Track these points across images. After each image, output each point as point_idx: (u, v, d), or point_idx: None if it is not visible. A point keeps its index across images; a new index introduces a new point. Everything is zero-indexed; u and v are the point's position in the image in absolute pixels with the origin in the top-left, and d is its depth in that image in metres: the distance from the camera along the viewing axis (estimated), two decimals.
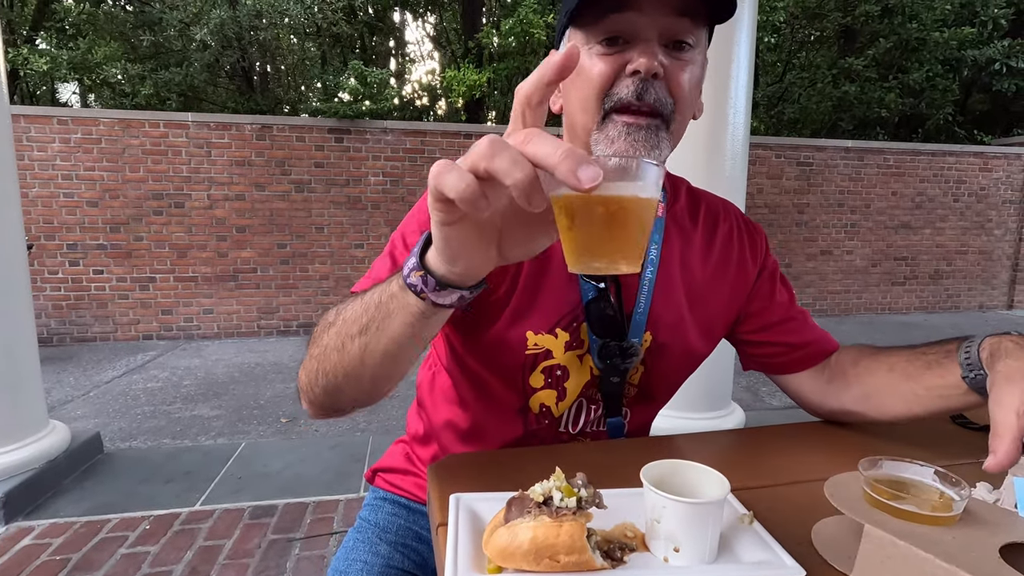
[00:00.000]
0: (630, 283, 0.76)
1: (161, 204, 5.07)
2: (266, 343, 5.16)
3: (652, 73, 0.63)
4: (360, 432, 3.08)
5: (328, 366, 0.58)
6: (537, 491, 0.48)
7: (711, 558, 0.49)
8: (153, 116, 5.04)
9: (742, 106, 2.50)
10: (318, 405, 0.63)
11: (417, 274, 0.47)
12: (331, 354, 0.57)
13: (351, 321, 0.55)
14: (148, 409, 3.38)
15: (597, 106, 0.66)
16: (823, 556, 0.51)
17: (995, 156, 6.88)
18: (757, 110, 9.63)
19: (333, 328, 0.58)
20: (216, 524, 2.09)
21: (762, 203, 6.38)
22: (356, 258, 5.51)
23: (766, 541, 0.51)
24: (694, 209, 0.83)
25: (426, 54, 13.00)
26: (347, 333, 0.55)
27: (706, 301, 0.80)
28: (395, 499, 0.89)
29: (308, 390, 0.62)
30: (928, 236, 6.90)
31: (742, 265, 0.83)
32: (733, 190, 2.56)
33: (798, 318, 0.84)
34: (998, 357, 0.62)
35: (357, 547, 0.82)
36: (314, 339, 0.61)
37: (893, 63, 8.92)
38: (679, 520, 0.48)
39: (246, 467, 2.58)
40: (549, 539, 0.45)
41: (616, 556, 0.50)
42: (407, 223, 0.74)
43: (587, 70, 0.66)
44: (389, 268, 0.71)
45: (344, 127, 5.37)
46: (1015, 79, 8.15)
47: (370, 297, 0.54)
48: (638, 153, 0.65)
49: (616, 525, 0.54)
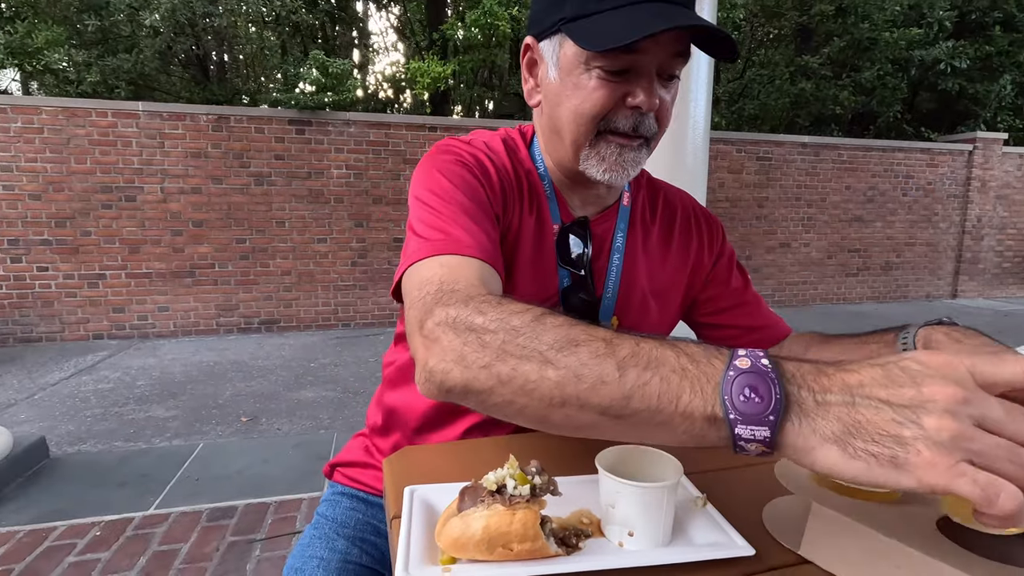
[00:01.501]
0: (600, 270, 0.79)
1: (111, 197, 4.85)
2: (226, 341, 5.00)
3: (648, 109, 0.67)
4: (324, 430, 3.02)
5: (522, 400, 0.45)
6: (490, 480, 0.47)
7: (665, 541, 0.49)
8: (100, 105, 4.80)
9: (703, 101, 2.54)
10: (456, 395, 0.49)
11: (761, 447, 0.38)
12: (534, 395, 0.44)
13: (588, 386, 0.42)
14: (98, 411, 3.24)
15: (592, 127, 0.69)
16: (773, 535, 0.52)
17: (941, 152, 7.21)
18: (719, 106, 9.84)
19: (552, 369, 0.44)
20: (172, 528, 2.02)
21: (724, 197, 6.52)
22: (319, 253, 5.39)
23: (718, 523, 0.52)
24: (654, 200, 0.86)
25: (390, 45, 12.79)
26: (578, 396, 0.43)
27: (666, 287, 0.83)
28: (354, 493, 0.88)
29: (462, 383, 0.48)
30: (879, 229, 7.19)
31: (699, 253, 0.86)
32: (695, 183, 2.60)
33: (752, 303, 0.87)
34: (929, 348, 0.64)
35: (313, 543, 0.80)
36: (491, 344, 0.47)
37: (846, 62, 9.23)
38: (633, 505, 0.48)
39: (204, 468, 2.50)
40: (502, 528, 0.44)
41: (571, 543, 0.50)
42: (437, 167, 0.70)
43: (588, 91, 0.67)
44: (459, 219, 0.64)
45: (305, 119, 5.23)
46: (958, 79, 8.54)
47: (633, 382, 0.41)
48: (626, 172, 0.71)
49: (573, 512, 0.54)
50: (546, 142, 0.78)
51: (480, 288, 0.54)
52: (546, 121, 0.75)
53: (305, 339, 5.11)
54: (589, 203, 0.80)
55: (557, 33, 0.69)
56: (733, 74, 10.18)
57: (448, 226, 0.63)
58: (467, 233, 0.62)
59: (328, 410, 3.31)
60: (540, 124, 0.78)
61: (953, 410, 0.34)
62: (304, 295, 5.43)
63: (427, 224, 0.64)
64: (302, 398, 3.52)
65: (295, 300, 5.41)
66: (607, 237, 0.80)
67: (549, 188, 0.78)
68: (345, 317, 5.55)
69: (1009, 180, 7.45)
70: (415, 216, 0.66)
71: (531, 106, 0.77)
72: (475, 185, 0.69)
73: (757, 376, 0.39)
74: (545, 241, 0.76)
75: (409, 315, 0.55)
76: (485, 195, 0.70)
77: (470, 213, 0.66)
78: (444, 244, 0.61)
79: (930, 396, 0.35)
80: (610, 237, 0.80)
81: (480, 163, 0.72)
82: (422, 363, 0.51)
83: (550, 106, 0.73)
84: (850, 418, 0.36)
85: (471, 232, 0.63)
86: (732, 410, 0.38)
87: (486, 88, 10.20)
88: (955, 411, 0.34)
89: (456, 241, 0.61)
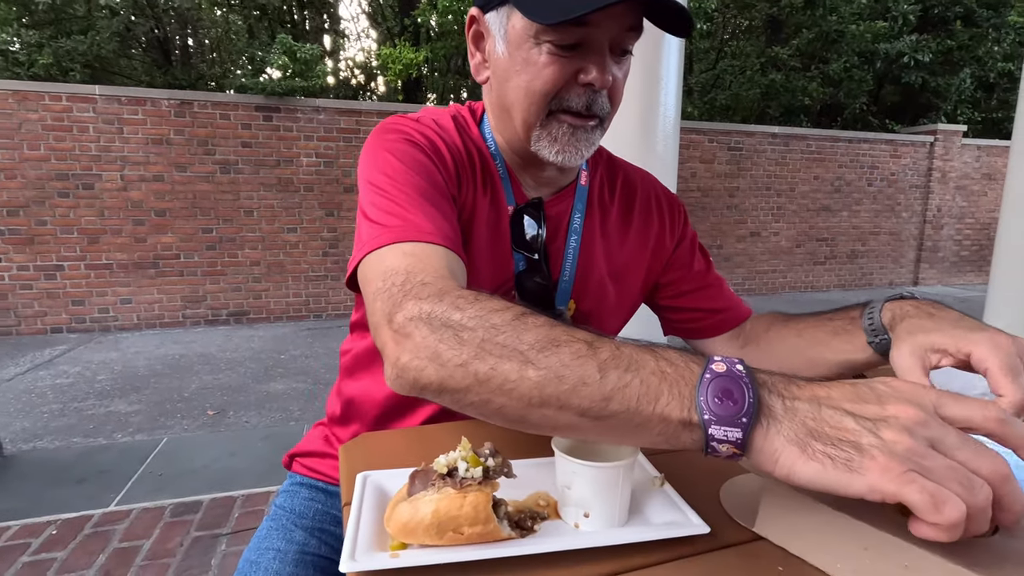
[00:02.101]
0: (556, 252, 0.77)
1: (67, 185, 4.65)
2: (192, 333, 4.88)
3: (601, 86, 0.65)
4: (294, 422, 2.97)
5: (500, 400, 0.44)
6: (441, 462, 0.46)
7: (621, 521, 0.49)
8: (54, 88, 4.59)
9: (673, 88, 2.54)
10: (430, 393, 0.48)
11: (732, 449, 0.39)
12: (513, 395, 0.44)
13: (568, 387, 0.42)
14: (56, 407, 3.12)
15: (543, 106, 0.67)
16: (730, 513, 0.52)
17: (904, 144, 7.41)
18: (692, 96, 9.92)
19: (533, 369, 0.43)
20: (133, 524, 1.96)
21: (696, 187, 6.59)
22: (289, 242, 5.28)
23: (675, 502, 0.51)
24: (612, 180, 0.84)
25: (361, 32, 12.53)
26: (558, 397, 0.42)
27: (626, 269, 0.82)
28: (313, 483, 0.86)
29: (437, 381, 0.46)
30: (845, 219, 7.37)
31: (660, 236, 0.85)
32: (665, 171, 2.61)
33: (715, 285, 0.86)
34: (899, 320, 0.65)
35: (270, 535, 0.78)
36: (469, 342, 0.45)
37: (815, 54, 9.39)
38: (588, 485, 0.47)
39: (168, 463, 2.43)
40: (452, 511, 0.43)
41: (527, 525, 0.49)
42: (387, 147, 0.67)
43: (538, 68, 0.65)
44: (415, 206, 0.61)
45: (273, 105, 5.09)
46: (921, 72, 8.77)
47: (613, 384, 0.41)
48: (580, 153, 0.69)
49: (530, 495, 0.53)
50: (496, 120, 0.75)
51: (451, 281, 0.52)
52: (495, 98, 0.72)
53: (275, 330, 5.01)
54: (543, 184, 0.78)
55: (504, 4, 0.66)
56: (706, 64, 10.27)
57: (406, 211, 0.60)
58: (427, 218, 0.60)
59: (299, 402, 3.26)
60: (490, 101, 0.75)
61: (911, 428, 0.36)
62: (274, 286, 5.31)
63: (382, 209, 0.61)
64: (272, 390, 3.45)
65: (265, 291, 5.29)
66: (563, 219, 0.78)
67: (502, 168, 0.75)
68: (317, 308, 5.46)
69: (968, 171, 7.70)
70: (368, 201, 0.63)
71: (479, 82, 0.74)
72: (428, 165, 0.66)
73: (732, 380, 0.40)
74: (500, 224, 0.74)
75: (374, 307, 0.52)
76: (440, 176, 0.67)
77: (427, 196, 0.63)
78: (404, 230, 0.58)
79: (892, 413, 0.37)
80: (567, 218, 0.78)
81: (431, 141, 0.69)
82: (392, 359, 0.48)
83: (499, 82, 0.70)
84: (814, 422, 0.38)
85: (431, 217, 0.60)
86: (707, 411, 0.39)
87: (459, 76, 10.09)
88: (913, 430, 0.36)
89: (417, 227, 0.58)
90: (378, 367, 0.79)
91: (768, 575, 0.44)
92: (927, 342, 0.57)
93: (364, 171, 0.67)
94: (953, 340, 0.55)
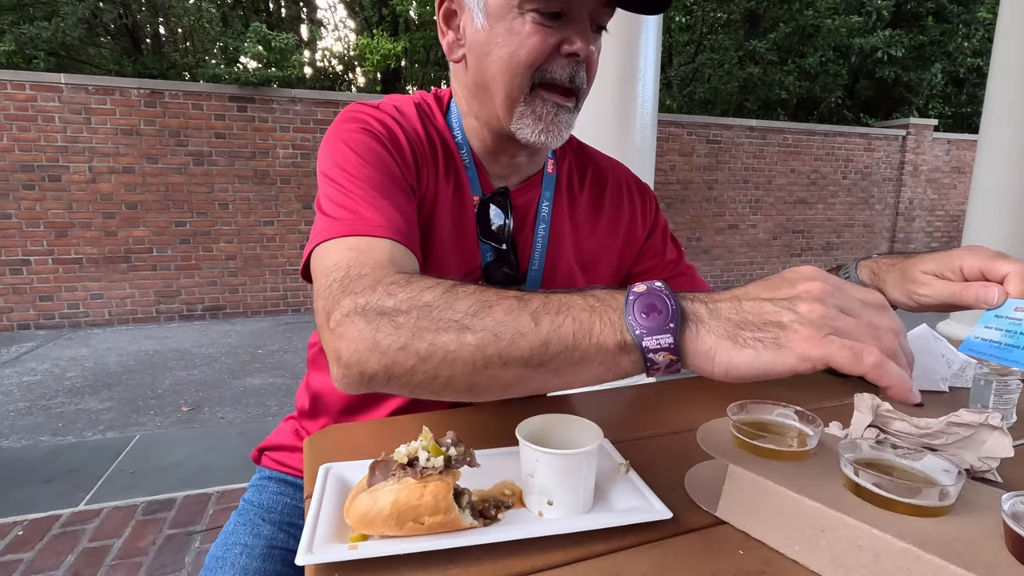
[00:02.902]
0: (524, 241, 0.76)
1: (32, 177, 4.50)
2: (166, 329, 4.77)
3: (585, 57, 0.65)
4: (271, 417, 2.93)
5: (446, 372, 0.45)
6: (402, 452, 0.45)
7: (585, 508, 0.49)
8: (16, 76, 4.43)
9: (651, 79, 2.54)
10: (379, 383, 0.48)
11: (668, 356, 0.42)
12: (457, 364, 0.45)
13: (507, 342, 0.44)
14: (23, 405, 3.03)
15: (527, 78, 0.66)
16: (694, 499, 0.52)
17: (877, 137, 7.54)
18: (671, 89, 9.97)
19: (471, 334, 0.44)
20: (104, 523, 1.92)
21: (675, 179, 6.64)
22: (266, 236, 5.19)
23: (639, 488, 0.51)
24: (582, 169, 0.84)
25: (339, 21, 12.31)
26: (499, 354, 0.44)
27: (596, 258, 0.82)
28: (281, 477, 0.84)
29: (382, 369, 0.47)
30: (821, 211, 7.49)
31: (632, 225, 0.84)
32: (643, 163, 2.62)
33: (687, 273, 0.87)
34: (885, 271, 0.68)
35: (237, 530, 0.76)
36: (405, 324, 0.46)
37: (792, 48, 9.50)
38: (551, 473, 0.47)
39: (140, 461, 2.38)
40: (412, 501, 0.42)
41: (490, 514, 0.48)
42: (343, 137, 0.65)
43: (522, 38, 0.64)
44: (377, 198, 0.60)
45: (248, 95, 4.98)
46: (894, 67, 8.93)
47: (548, 327, 0.43)
48: (561, 134, 0.69)
49: (496, 484, 0.53)
50: (470, 101, 0.73)
51: (389, 270, 0.52)
52: (471, 76, 0.70)
53: (252, 325, 4.93)
54: (510, 172, 0.77)
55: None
56: (685, 58, 10.32)
57: (356, 204, 0.59)
58: (377, 211, 0.59)
59: (276, 397, 3.22)
60: (463, 82, 0.73)
61: (822, 298, 0.41)
62: (251, 280, 5.22)
63: (334, 202, 0.60)
64: (248, 385, 3.40)
65: (241, 285, 5.20)
66: (531, 208, 0.77)
67: (468, 157, 0.74)
68: (295, 302, 5.39)
69: (938, 164, 7.88)
70: (322, 193, 0.62)
71: (452, 61, 0.73)
72: (384, 156, 0.65)
73: (654, 295, 0.43)
74: (465, 214, 0.73)
75: (316, 306, 0.52)
76: (396, 166, 0.65)
77: (380, 188, 0.62)
78: (352, 224, 0.57)
79: (803, 290, 0.42)
80: (534, 208, 0.77)
81: (389, 130, 0.68)
82: (334, 358, 0.49)
83: (476, 57, 0.68)
84: (738, 316, 0.42)
85: (381, 209, 0.59)
86: (637, 326, 0.42)
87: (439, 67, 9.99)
88: (823, 299, 0.41)
89: (365, 220, 0.58)
90: None
91: (729, 558, 0.44)
92: (917, 273, 0.63)
93: (321, 163, 0.66)
94: (939, 263, 0.61)
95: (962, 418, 0.51)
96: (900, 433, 0.55)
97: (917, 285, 0.62)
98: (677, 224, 6.66)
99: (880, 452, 0.47)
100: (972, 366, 0.81)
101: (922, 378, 0.81)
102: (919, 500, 0.40)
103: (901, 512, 0.40)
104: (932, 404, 0.78)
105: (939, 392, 0.81)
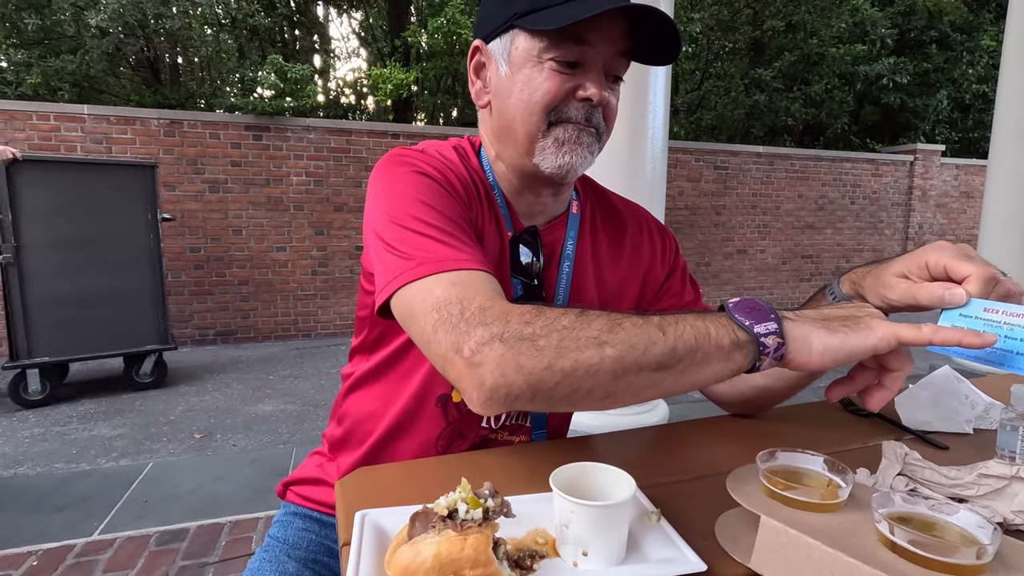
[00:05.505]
0: (550, 278, 0.78)
1: None
2: (179, 353, 4.80)
3: (599, 102, 0.70)
4: (283, 444, 2.93)
5: (588, 384, 0.50)
6: (441, 504, 0.46)
7: (619, 559, 0.49)
8: (41, 108, 4.57)
9: (660, 111, 2.59)
10: (522, 401, 0.52)
11: (776, 339, 0.51)
12: (599, 375, 0.50)
13: (642, 350, 0.50)
14: (38, 431, 3.05)
15: (543, 118, 0.70)
16: (725, 548, 0.52)
17: (885, 163, 7.57)
18: (678, 116, 10.10)
19: (610, 348, 0.50)
20: (117, 554, 1.92)
21: (683, 205, 6.68)
22: (278, 261, 5.25)
23: (671, 538, 0.52)
24: (604, 210, 0.87)
25: (351, 51, 12.63)
26: (636, 362, 0.50)
27: (617, 295, 0.84)
28: (307, 513, 0.85)
29: (528, 389, 0.50)
30: (829, 236, 7.49)
31: (652, 265, 0.87)
32: (653, 192, 2.66)
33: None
34: (861, 278, 0.70)
35: (263, 567, 0.77)
36: (547, 347, 0.50)
37: (797, 75, 9.62)
38: (586, 524, 0.48)
39: (153, 489, 2.39)
40: (453, 554, 0.43)
41: (526, 564, 0.49)
42: (401, 180, 0.68)
43: (539, 83, 0.68)
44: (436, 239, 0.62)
45: (263, 124, 5.10)
46: (899, 93, 9.01)
47: (673, 335, 0.51)
48: (583, 157, 0.72)
49: (528, 532, 0.54)
50: (496, 144, 0.76)
51: (506, 302, 0.55)
52: (496, 119, 0.74)
53: (264, 350, 4.96)
54: (537, 212, 0.80)
55: (508, 31, 0.70)
56: (691, 85, 10.47)
57: (437, 242, 0.61)
58: (463, 245, 0.61)
59: (287, 424, 3.22)
60: (489, 126, 0.77)
61: (878, 315, 0.54)
62: (263, 305, 5.27)
63: (411, 243, 0.61)
64: (260, 412, 3.41)
65: (253, 310, 5.25)
66: (556, 246, 0.80)
67: (500, 197, 0.77)
68: (306, 327, 5.42)
69: (947, 189, 7.89)
70: (393, 237, 0.62)
71: (480, 107, 0.77)
72: (445, 195, 0.68)
73: (746, 301, 0.54)
74: (503, 249, 0.76)
75: (436, 338, 0.53)
76: (457, 204, 0.68)
77: (453, 225, 0.64)
78: (442, 261, 0.58)
79: (865, 311, 0.55)
80: (560, 246, 0.80)
81: (440, 172, 0.71)
82: (476, 384, 0.51)
83: (499, 102, 0.72)
84: (820, 316, 0.54)
85: (465, 244, 0.62)
86: (746, 321, 0.52)
87: (449, 95, 10.19)
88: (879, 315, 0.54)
89: (453, 257, 0.59)
90: (381, 387, 0.79)
91: None
92: (888, 276, 0.65)
93: (382, 206, 0.66)
94: (906, 263, 0.64)
95: (992, 470, 0.51)
96: (929, 482, 0.55)
97: (887, 289, 0.64)
98: (686, 249, 6.68)
99: (912, 506, 0.47)
100: (997, 408, 0.81)
101: (946, 420, 0.81)
102: (957, 559, 0.40)
103: (937, 570, 0.40)
104: (957, 446, 0.78)
105: (964, 434, 0.81)
